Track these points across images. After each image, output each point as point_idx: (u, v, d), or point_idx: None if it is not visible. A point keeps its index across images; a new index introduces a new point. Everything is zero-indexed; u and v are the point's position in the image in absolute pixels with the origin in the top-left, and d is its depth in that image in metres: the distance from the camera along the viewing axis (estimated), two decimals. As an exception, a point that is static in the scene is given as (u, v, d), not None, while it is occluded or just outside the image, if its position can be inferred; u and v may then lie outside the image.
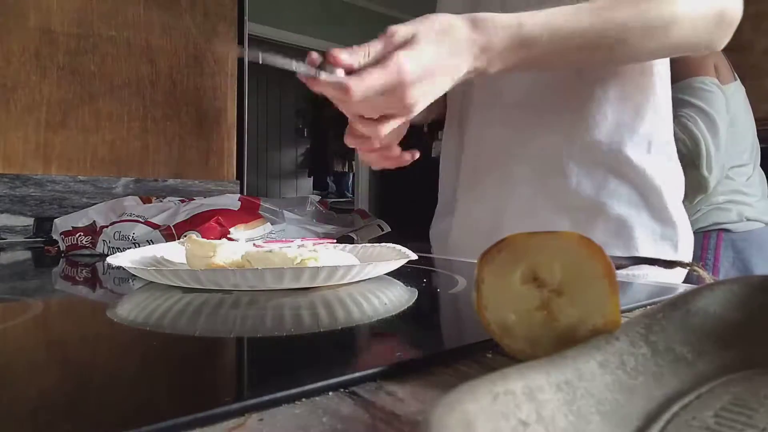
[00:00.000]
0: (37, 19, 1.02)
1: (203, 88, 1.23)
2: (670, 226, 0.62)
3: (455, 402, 0.14)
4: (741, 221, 1.29)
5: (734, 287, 0.23)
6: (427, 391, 0.22)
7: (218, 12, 1.24)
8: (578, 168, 0.62)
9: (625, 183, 0.62)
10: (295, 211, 0.81)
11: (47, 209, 1.02)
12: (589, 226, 0.62)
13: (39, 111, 1.03)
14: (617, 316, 0.22)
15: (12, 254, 0.79)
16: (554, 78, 0.64)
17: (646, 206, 0.62)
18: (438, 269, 0.58)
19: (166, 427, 0.18)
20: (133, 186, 1.12)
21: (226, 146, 1.26)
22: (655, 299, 0.40)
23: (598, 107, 0.61)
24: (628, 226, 0.61)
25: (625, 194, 0.62)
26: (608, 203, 0.61)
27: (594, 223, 0.62)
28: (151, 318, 0.34)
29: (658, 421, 0.17)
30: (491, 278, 0.24)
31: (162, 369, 0.25)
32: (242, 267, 0.44)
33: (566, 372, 0.18)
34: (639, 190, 0.62)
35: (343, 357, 0.28)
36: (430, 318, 0.39)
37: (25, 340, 0.31)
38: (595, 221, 0.62)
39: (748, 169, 1.33)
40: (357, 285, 0.44)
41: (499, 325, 0.25)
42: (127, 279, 0.50)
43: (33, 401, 0.21)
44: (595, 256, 0.23)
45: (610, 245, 0.60)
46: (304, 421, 0.19)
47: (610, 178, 0.62)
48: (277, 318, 0.34)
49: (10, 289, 0.48)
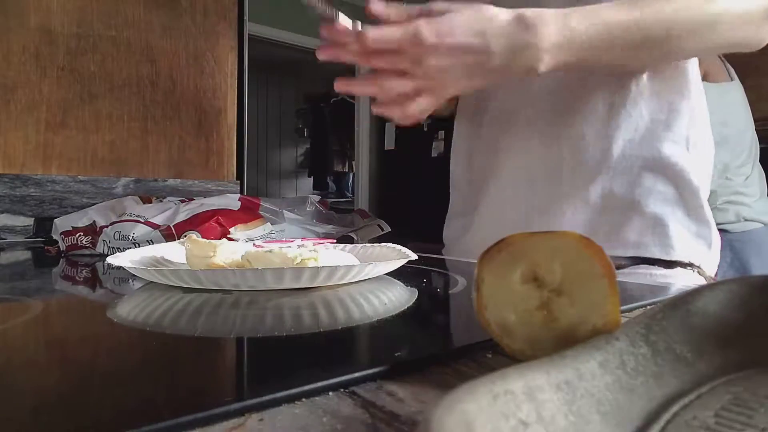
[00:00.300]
0: (37, 19, 1.02)
1: (203, 88, 1.23)
2: (705, 225, 0.61)
3: (455, 402, 0.14)
4: (739, 222, 1.29)
5: (734, 287, 0.23)
6: (427, 391, 0.22)
7: (218, 12, 1.24)
8: (613, 164, 0.61)
9: (660, 180, 0.61)
10: (295, 211, 0.81)
11: (47, 209, 1.02)
12: (623, 224, 0.61)
13: (39, 111, 1.03)
14: (617, 316, 0.22)
15: (12, 254, 0.79)
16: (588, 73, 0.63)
17: (682, 204, 0.61)
18: (438, 269, 0.58)
19: (166, 427, 0.18)
20: (133, 186, 1.12)
21: (226, 146, 1.26)
22: (655, 299, 0.40)
23: (633, 103, 0.60)
24: (663, 223, 0.60)
25: (660, 192, 0.60)
26: (643, 201, 0.60)
27: (629, 221, 0.61)
28: (151, 318, 0.34)
29: (658, 421, 0.17)
30: (491, 278, 0.24)
31: (162, 369, 0.25)
32: (242, 267, 0.44)
33: (566, 372, 0.18)
34: (675, 188, 0.61)
35: (343, 357, 0.28)
36: (430, 318, 0.39)
37: (25, 340, 0.31)
38: (630, 219, 0.61)
39: (747, 168, 1.33)
40: (357, 285, 0.44)
41: (499, 325, 0.25)
42: (127, 279, 0.50)
43: (33, 401, 0.21)
44: (595, 256, 0.23)
45: (645, 243, 0.60)
46: (304, 421, 0.19)
47: (645, 174, 0.61)
48: (277, 318, 0.34)
49: (10, 289, 0.48)
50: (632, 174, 0.61)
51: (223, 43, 1.25)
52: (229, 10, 1.26)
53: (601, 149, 0.62)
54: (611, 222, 0.61)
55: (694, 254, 0.61)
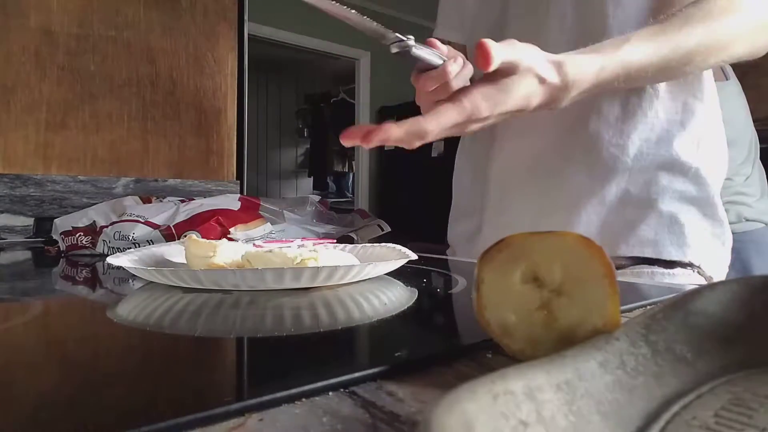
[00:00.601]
0: (37, 19, 1.02)
1: (203, 88, 1.23)
2: (719, 223, 0.62)
3: (455, 402, 0.14)
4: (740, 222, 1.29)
5: (735, 287, 0.23)
6: (427, 391, 0.22)
7: (218, 12, 1.25)
8: (629, 164, 0.62)
9: (676, 179, 0.61)
10: (295, 211, 0.81)
11: (47, 209, 1.02)
12: (639, 223, 0.61)
13: (39, 111, 1.03)
14: (617, 316, 0.22)
15: (12, 254, 0.79)
16: None
17: (697, 203, 0.61)
18: (438, 269, 0.58)
19: (166, 427, 0.18)
20: (133, 186, 1.12)
21: (226, 146, 1.26)
22: (655, 299, 0.40)
23: (649, 104, 0.61)
24: (679, 222, 0.60)
25: (676, 191, 0.61)
26: (659, 199, 0.61)
27: (645, 220, 0.61)
28: (151, 318, 0.34)
29: (658, 421, 0.17)
30: (491, 278, 0.24)
31: (162, 369, 0.25)
32: (242, 267, 0.44)
33: (566, 372, 0.18)
34: (690, 187, 0.61)
35: (343, 357, 0.28)
36: (430, 318, 0.39)
37: (25, 340, 0.31)
38: (647, 217, 0.61)
39: (747, 168, 1.33)
40: (357, 285, 0.44)
41: (499, 325, 0.25)
42: (127, 279, 0.50)
43: (33, 401, 0.21)
44: (595, 256, 0.23)
45: (661, 242, 0.60)
46: (304, 421, 0.19)
47: (661, 174, 0.61)
48: (277, 318, 0.34)
49: (10, 289, 0.48)
50: (648, 173, 0.62)
51: (223, 43, 1.25)
52: (229, 10, 1.26)
53: (618, 149, 0.62)
54: (627, 221, 0.62)
55: (708, 253, 0.61)
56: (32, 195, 1.01)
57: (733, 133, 1.27)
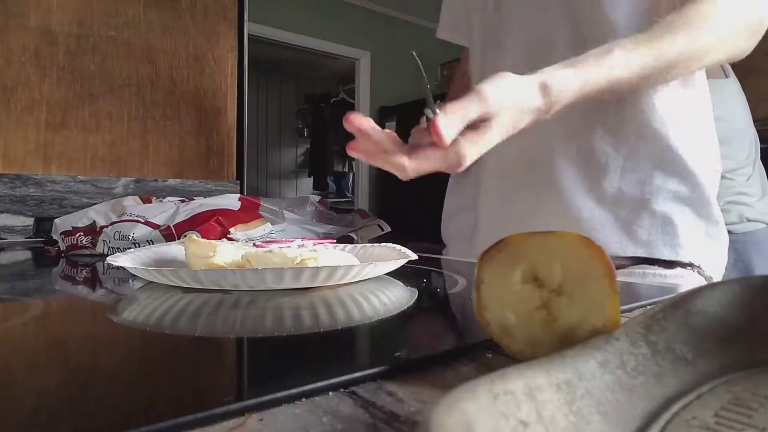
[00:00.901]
0: (37, 19, 1.02)
1: (203, 88, 1.23)
2: (714, 223, 0.62)
3: (455, 402, 0.14)
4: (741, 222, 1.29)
5: (735, 287, 0.23)
6: (427, 391, 0.22)
7: (218, 12, 1.25)
8: (623, 163, 0.62)
9: (670, 178, 0.61)
10: (295, 211, 0.81)
11: (47, 209, 1.02)
12: (633, 222, 0.61)
13: (39, 111, 1.03)
14: (617, 316, 0.22)
15: (12, 254, 0.79)
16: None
17: (692, 204, 0.61)
18: (438, 269, 0.58)
19: (166, 427, 0.18)
20: (133, 186, 1.12)
21: (226, 146, 1.26)
22: (655, 299, 0.40)
23: (646, 100, 0.61)
24: (673, 223, 0.60)
25: (671, 190, 0.61)
26: (652, 199, 0.61)
27: (638, 220, 0.61)
28: (151, 318, 0.34)
29: (658, 421, 0.17)
30: (491, 278, 0.24)
31: (162, 369, 0.25)
32: (242, 267, 0.44)
33: (566, 372, 0.18)
34: (684, 187, 0.61)
35: (343, 357, 0.28)
36: (430, 318, 0.39)
37: (25, 341, 0.31)
38: (640, 217, 0.61)
39: (748, 168, 1.33)
40: (357, 285, 0.44)
41: (498, 325, 0.25)
42: (127, 279, 0.50)
43: (33, 401, 0.21)
44: (595, 256, 0.23)
45: (654, 243, 0.60)
46: (304, 421, 0.19)
47: (656, 173, 0.61)
48: (277, 318, 0.34)
49: (10, 289, 0.48)
50: (642, 172, 0.61)
51: (223, 43, 1.25)
52: (229, 10, 1.26)
53: (613, 147, 0.62)
54: (621, 220, 0.62)
55: (702, 253, 0.61)
56: (32, 195, 1.01)
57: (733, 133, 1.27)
